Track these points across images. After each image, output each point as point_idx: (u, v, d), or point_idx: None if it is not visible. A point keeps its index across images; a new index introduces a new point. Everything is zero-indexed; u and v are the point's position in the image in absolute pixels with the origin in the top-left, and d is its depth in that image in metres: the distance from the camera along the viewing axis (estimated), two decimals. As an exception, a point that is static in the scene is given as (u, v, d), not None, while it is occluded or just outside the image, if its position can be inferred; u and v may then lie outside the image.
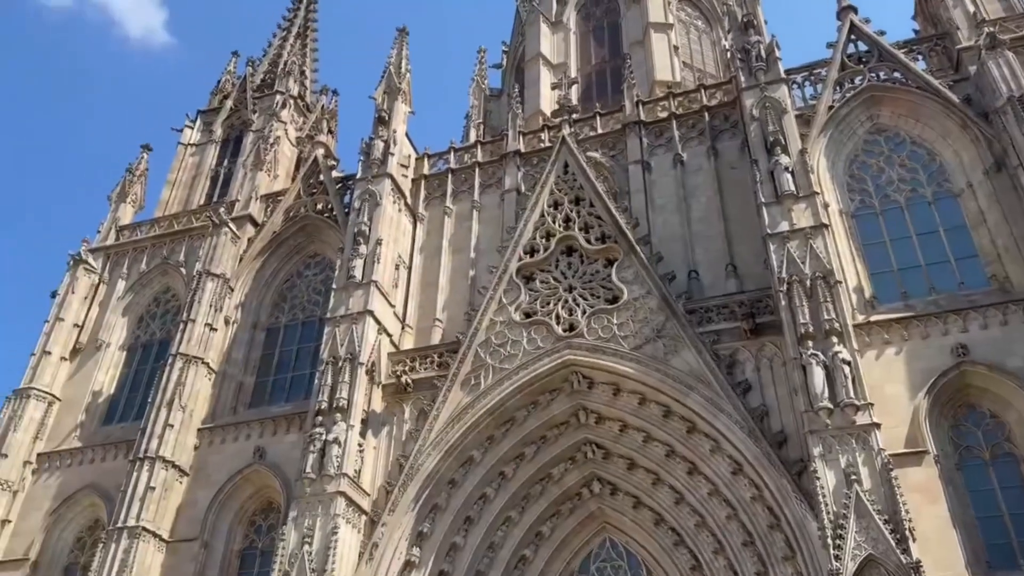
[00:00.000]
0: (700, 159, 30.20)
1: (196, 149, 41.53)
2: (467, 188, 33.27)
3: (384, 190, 31.22)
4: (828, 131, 27.90)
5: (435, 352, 28.41)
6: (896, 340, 23.28)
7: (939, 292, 24.25)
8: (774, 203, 25.00)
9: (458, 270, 31.07)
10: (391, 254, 30.44)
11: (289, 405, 30.09)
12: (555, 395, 26.29)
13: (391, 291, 29.73)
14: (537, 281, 28.22)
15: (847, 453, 20.12)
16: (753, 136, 27.07)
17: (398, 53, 35.70)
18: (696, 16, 43.16)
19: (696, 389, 23.87)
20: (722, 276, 26.95)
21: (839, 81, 28.86)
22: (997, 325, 22.55)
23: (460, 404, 26.21)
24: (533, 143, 33.38)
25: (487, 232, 31.57)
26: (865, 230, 26.32)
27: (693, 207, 29.07)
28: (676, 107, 31.88)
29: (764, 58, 28.63)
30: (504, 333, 27.14)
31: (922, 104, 27.48)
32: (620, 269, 27.11)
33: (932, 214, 26.09)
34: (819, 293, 22.68)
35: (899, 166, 27.30)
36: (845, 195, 27.08)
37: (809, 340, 21.95)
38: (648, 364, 24.88)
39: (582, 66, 40.61)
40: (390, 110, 33.72)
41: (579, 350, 25.99)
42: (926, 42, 30.20)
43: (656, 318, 25.54)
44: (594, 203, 28.89)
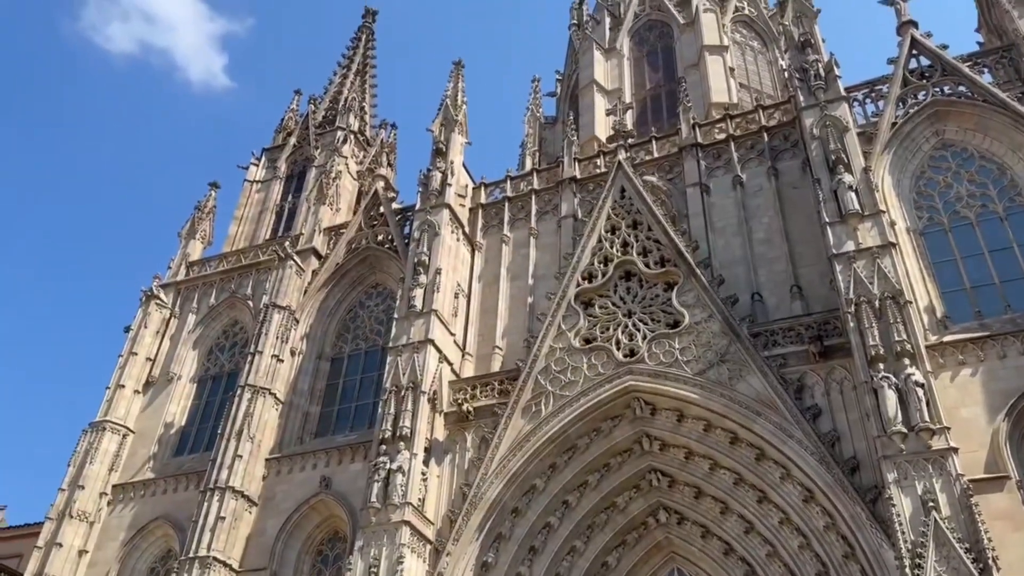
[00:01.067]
0: (760, 180, 29.85)
1: (261, 185, 42.86)
2: (524, 216, 33.51)
3: (442, 220, 31.66)
4: (892, 148, 27.32)
5: (495, 379, 28.48)
6: (971, 361, 22.49)
7: (1015, 310, 23.41)
8: (839, 222, 24.51)
9: (516, 297, 31.22)
10: (450, 283, 30.76)
11: (354, 434, 30.51)
12: (617, 422, 26.05)
13: (451, 319, 30.00)
14: (596, 307, 28.13)
15: (923, 479, 19.41)
16: (815, 155, 26.66)
17: (454, 86, 36.34)
18: (751, 37, 42.85)
19: (764, 415, 23.38)
20: (787, 298, 26.47)
21: (901, 97, 28.28)
22: (1080, 342, 21.63)
23: (521, 432, 26.17)
24: (589, 169, 33.49)
25: (544, 259, 31.68)
26: (935, 248, 25.59)
27: (754, 228, 28.70)
28: (734, 128, 31.65)
29: (823, 76, 28.24)
30: (564, 359, 27.08)
31: (989, 118, 26.73)
32: (680, 293, 26.85)
33: (1004, 229, 25.24)
34: (889, 314, 22.08)
35: (968, 181, 26.54)
36: (912, 212, 26.41)
37: (880, 363, 21.35)
38: (712, 389, 24.49)
39: (636, 91, 40.65)
40: (447, 141, 34.30)
41: (640, 376, 25.75)
42: (991, 54, 29.40)
43: (719, 342, 25.16)
44: (652, 227, 28.76)
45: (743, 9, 43.62)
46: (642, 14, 43.72)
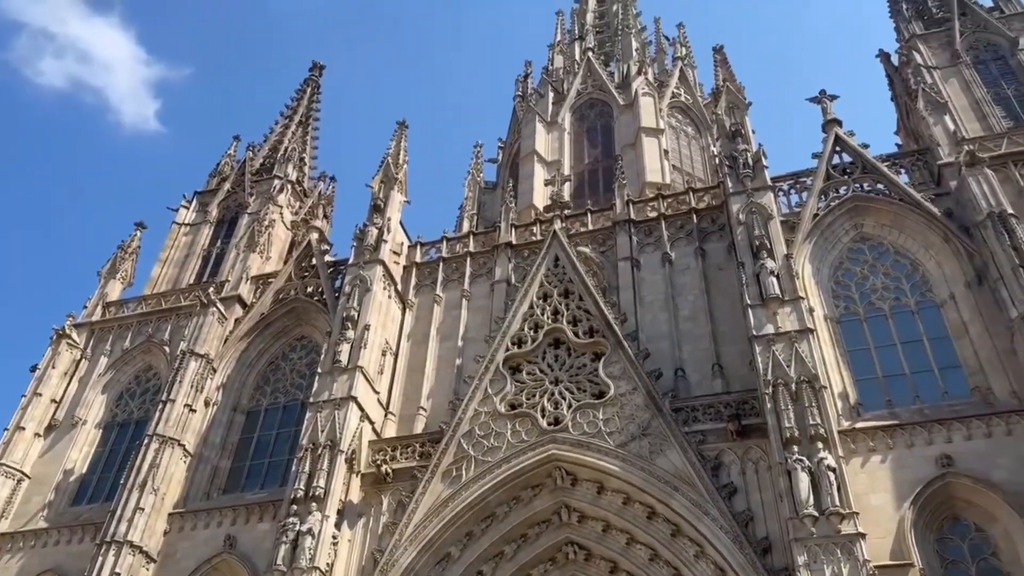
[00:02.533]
0: (688, 259, 30.71)
1: (190, 229, 41.92)
2: (457, 277, 33.61)
3: (375, 276, 31.48)
4: (813, 238, 28.52)
5: (417, 441, 28.00)
6: (881, 448, 23.17)
7: (923, 401, 24.32)
8: (760, 306, 25.29)
9: (445, 358, 31.03)
10: (378, 340, 30.41)
11: (264, 492, 29.40)
12: (538, 491, 25.82)
13: (376, 377, 29.54)
14: (524, 372, 28.15)
15: (832, 564, 19.68)
16: (740, 239, 27.62)
17: (397, 144, 36.68)
18: (686, 123, 44.74)
19: (681, 491, 23.51)
20: (708, 375, 26.99)
21: (824, 190, 29.69)
22: (981, 436, 22.52)
23: (440, 497, 25.66)
24: (525, 236, 33.96)
25: (475, 321, 31.70)
26: (850, 336, 26.55)
27: (681, 306, 29.37)
28: (665, 208, 32.66)
29: (751, 165, 29.54)
30: (488, 424, 26.86)
31: (905, 216, 28.22)
32: (607, 364, 27.10)
33: (916, 323, 26.42)
34: (804, 397, 22.68)
35: (883, 274, 27.80)
36: (830, 301, 27.44)
37: (794, 445, 21.82)
38: (633, 463, 24.58)
39: (575, 164, 41.71)
40: (386, 198, 34.40)
41: (564, 445, 25.69)
42: (908, 156, 31.24)
43: (642, 415, 25.39)
44: (583, 297, 29.17)
45: (680, 96, 45.63)
46: (584, 92, 45.26)
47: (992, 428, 22.62)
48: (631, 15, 52.59)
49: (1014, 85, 33.03)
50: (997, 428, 22.57)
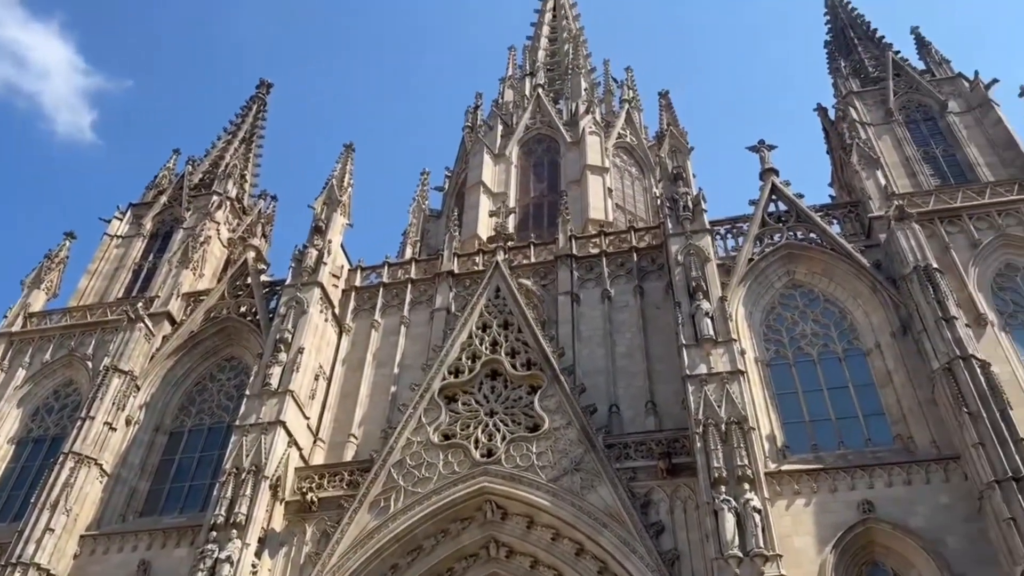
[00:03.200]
0: (627, 296, 31.08)
1: (122, 241, 40.70)
2: (397, 303, 33.33)
3: (312, 298, 30.98)
4: (747, 282, 29.18)
5: (346, 470, 27.39)
6: (806, 492, 23.57)
7: (847, 447, 24.87)
8: (694, 346, 25.68)
9: (379, 385, 30.60)
10: (312, 364, 29.83)
11: (183, 516, 28.33)
12: (467, 524, 25.48)
13: (307, 402, 28.91)
14: (459, 403, 27.92)
15: (755, 605, 19.84)
16: (677, 280, 28.10)
17: (342, 167, 36.45)
18: (631, 163, 45.59)
19: (610, 527, 23.48)
20: (642, 413, 27.17)
21: (759, 236, 30.49)
22: (901, 484, 23.09)
23: (366, 528, 25.10)
24: (467, 265, 33.94)
25: (413, 349, 31.41)
26: (779, 379, 27.10)
27: (618, 342, 29.62)
28: (607, 245, 33.07)
29: (691, 208, 30.21)
30: (420, 454, 26.50)
31: (835, 265, 29.11)
32: (543, 397, 27.08)
33: (842, 370, 27.12)
34: (733, 438, 23.00)
35: (812, 321, 28.54)
36: (761, 344, 28.02)
37: (722, 485, 22.04)
38: (564, 498, 24.49)
39: (520, 197, 42.02)
40: (328, 220, 34.03)
41: (496, 477, 25.46)
42: (841, 208, 32.34)
43: (575, 450, 25.37)
44: (522, 329, 29.19)
45: (625, 137, 46.55)
46: (533, 127, 45.82)
47: (912, 476, 23.22)
48: (582, 55, 53.66)
49: (942, 145, 34.65)
50: (916, 476, 23.18)
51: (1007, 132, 33.71)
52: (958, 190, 31.09)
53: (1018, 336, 26.34)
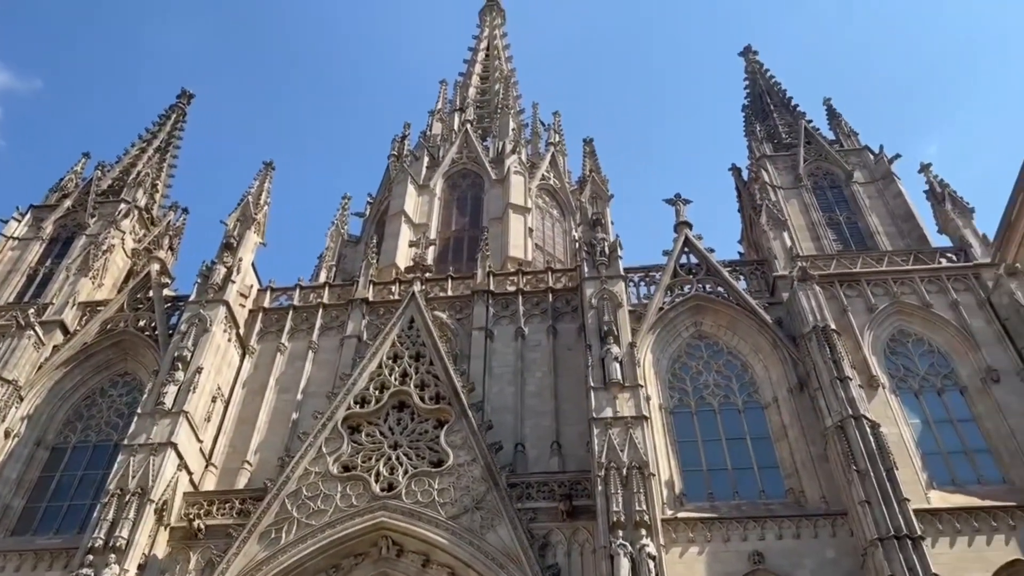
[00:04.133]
0: (540, 336, 31.28)
1: (19, 243, 38.52)
2: (306, 328, 32.62)
3: (217, 317, 30.02)
4: (657, 330, 29.82)
5: (237, 497, 26.34)
6: (700, 540, 23.91)
7: (742, 497, 25.45)
8: (602, 389, 25.98)
9: (281, 411, 29.72)
10: (210, 384, 28.79)
11: (59, 538, 26.63)
12: (360, 560, 24.75)
13: (202, 424, 27.81)
14: (363, 434, 27.33)
15: (642, 653, 19.91)
16: (590, 323, 28.48)
17: (260, 184, 35.73)
18: (552, 205, 46.31)
19: (507, 569, 23.19)
20: (547, 452, 27.18)
21: (670, 286, 31.31)
22: (791, 537, 23.68)
23: (254, 559, 24.09)
24: (383, 294, 33.58)
25: (320, 375, 30.70)
26: (681, 427, 27.64)
27: (528, 381, 29.69)
28: (524, 284, 33.32)
29: (607, 254, 30.83)
30: (317, 485, 25.73)
31: (740, 319, 30.07)
32: (450, 432, 26.78)
33: (741, 421, 27.86)
34: (634, 483, 23.21)
35: (716, 372, 29.30)
36: (666, 391, 28.56)
37: (620, 529, 22.16)
38: (463, 536, 24.12)
39: (442, 230, 41.99)
40: (240, 237, 33.18)
41: (395, 513, 24.90)
42: (748, 265, 33.56)
43: (478, 488, 25.12)
44: (434, 362, 28.91)
45: (549, 179, 47.33)
46: (459, 162, 46.06)
47: (801, 529, 23.86)
48: (512, 96, 54.46)
49: (846, 213, 36.44)
50: (805, 530, 23.83)
51: (906, 204, 35.74)
52: (858, 256, 32.68)
53: (906, 400, 27.62)
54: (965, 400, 27.36)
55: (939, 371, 28.34)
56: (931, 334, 29.31)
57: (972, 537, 23.13)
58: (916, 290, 30.40)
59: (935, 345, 29.07)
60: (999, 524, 23.27)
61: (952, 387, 27.83)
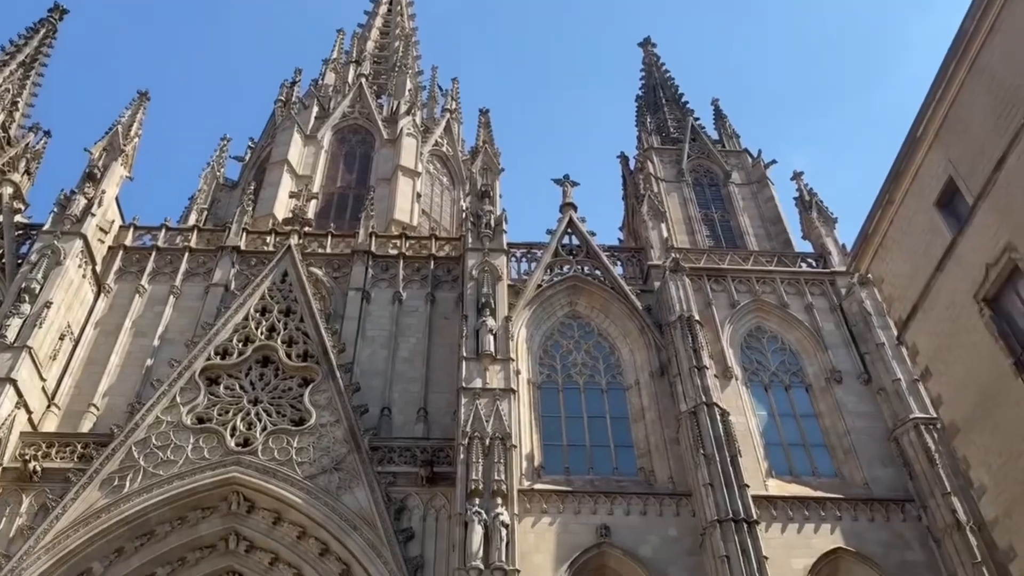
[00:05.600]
0: (418, 302, 31.12)
1: None
2: (170, 271, 31.11)
3: (72, 250, 28.16)
4: (533, 306, 30.28)
5: (80, 441, 25.03)
6: (552, 511, 24.61)
7: (596, 473, 26.33)
8: (474, 360, 26.20)
9: (135, 356, 28.30)
10: (59, 321, 27.05)
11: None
12: (208, 514, 24.10)
13: (47, 362, 26.11)
14: (222, 386, 26.46)
15: (487, 618, 20.38)
16: (468, 293, 28.59)
17: (132, 115, 33.63)
18: (443, 172, 45.92)
19: (360, 530, 23.16)
20: (413, 419, 27.19)
21: (551, 265, 31.82)
22: (637, 513, 24.75)
23: (93, 506, 23.02)
24: (256, 243, 32.43)
25: (180, 322, 29.41)
26: (547, 403, 28.25)
27: (402, 346, 29.52)
28: (407, 248, 32.99)
29: (492, 227, 30.97)
30: (169, 435, 24.78)
31: (613, 303, 30.94)
32: (315, 392, 26.33)
33: (603, 401, 28.75)
34: (495, 453, 23.63)
35: (585, 352, 30.07)
36: (536, 367, 29.09)
37: (477, 497, 22.52)
38: (318, 497, 23.87)
39: (326, 184, 40.81)
40: (105, 168, 31.17)
41: (248, 469, 24.35)
42: (626, 252, 34.56)
43: (338, 449, 24.87)
44: (304, 319, 28.27)
45: (442, 146, 46.86)
46: (350, 115, 44.76)
47: (648, 507, 24.94)
48: (411, 56, 53.46)
49: (721, 211, 38.03)
50: (652, 508, 24.93)
51: (776, 209, 37.67)
52: (727, 253, 34.22)
53: (756, 392, 29.26)
54: (809, 397, 29.28)
55: (789, 368, 30.19)
56: (785, 333, 31.14)
57: (802, 524, 24.88)
58: (776, 290, 32.13)
59: (788, 343, 30.91)
60: (827, 514, 25.13)
61: (799, 384, 29.71)
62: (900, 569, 23.83)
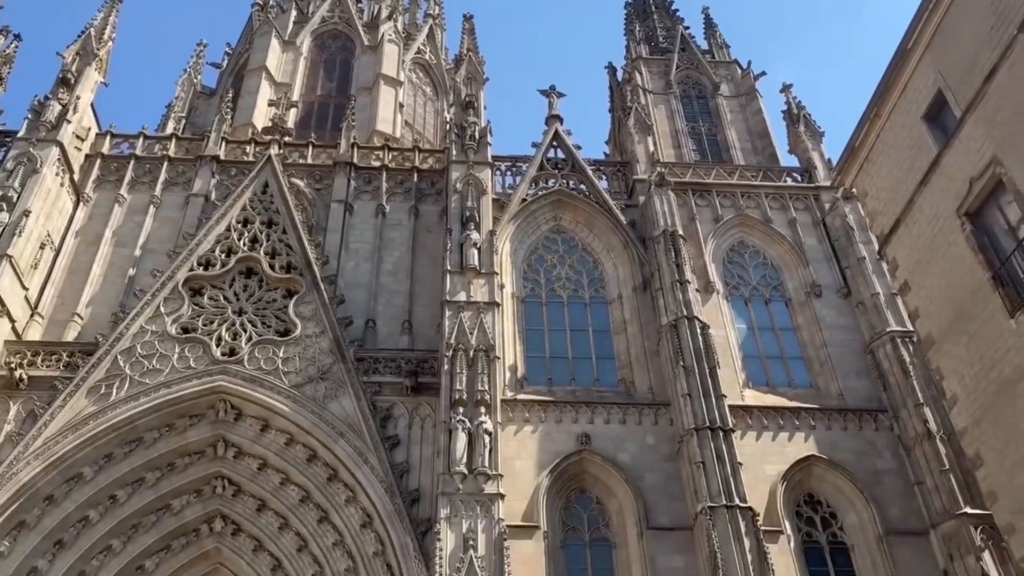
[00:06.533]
0: (402, 215, 30.93)
1: None
2: (149, 180, 30.68)
3: (48, 157, 27.67)
4: (518, 220, 30.19)
5: (65, 350, 25.20)
6: (535, 420, 25.23)
7: (578, 384, 26.88)
8: (458, 273, 26.31)
9: (116, 265, 28.19)
10: (39, 230, 26.84)
11: None
12: (196, 421, 24.57)
13: (28, 271, 26.03)
14: (206, 297, 26.53)
15: (470, 519, 21.15)
16: (453, 207, 28.43)
17: (105, 17, 32.50)
18: (426, 82, 44.86)
19: (346, 437, 23.70)
20: (397, 331, 27.46)
21: (536, 179, 31.57)
22: (617, 422, 25.43)
23: (81, 413, 23.36)
24: (236, 153, 31.91)
25: (161, 232, 29.19)
26: (530, 316, 28.52)
27: (385, 259, 29.51)
28: (390, 160, 32.56)
29: (476, 139, 30.52)
30: (153, 344, 24.95)
31: (597, 217, 30.88)
32: (299, 303, 26.45)
33: (586, 315, 29.07)
34: (479, 364, 24.03)
35: (569, 266, 30.18)
36: (520, 281, 29.23)
37: (461, 407, 23.01)
38: (305, 404, 24.31)
39: (306, 93, 39.89)
40: (79, 73, 30.31)
41: (235, 378, 24.69)
42: (612, 166, 34.28)
43: (324, 359, 25.17)
44: (287, 230, 28.14)
45: (425, 54, 45.60)
46: (329, 20, 43.40)
47: (627, 416, 25.60)
48: (394, -43, 51.30)
49: (708, 124, 37.58)
50: (631, 417, 25.59)
51: (763, 123, 37.25)
52: (712, 168, 34.00)
53: (737, 306, 29.62)
54: (789, 311, 29.71)
55: (770, 282, 30.50)
56: (767, 248, 31.33)
57: (776, 433, 25.65)
58: (760, 205, 32.13)
59: (769, 258, 31.15)
60: (801, 423, 25.89)
61: (779, 298, 30.10)
62: (870, 476, 24.75)
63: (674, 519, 23.26)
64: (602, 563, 23.52)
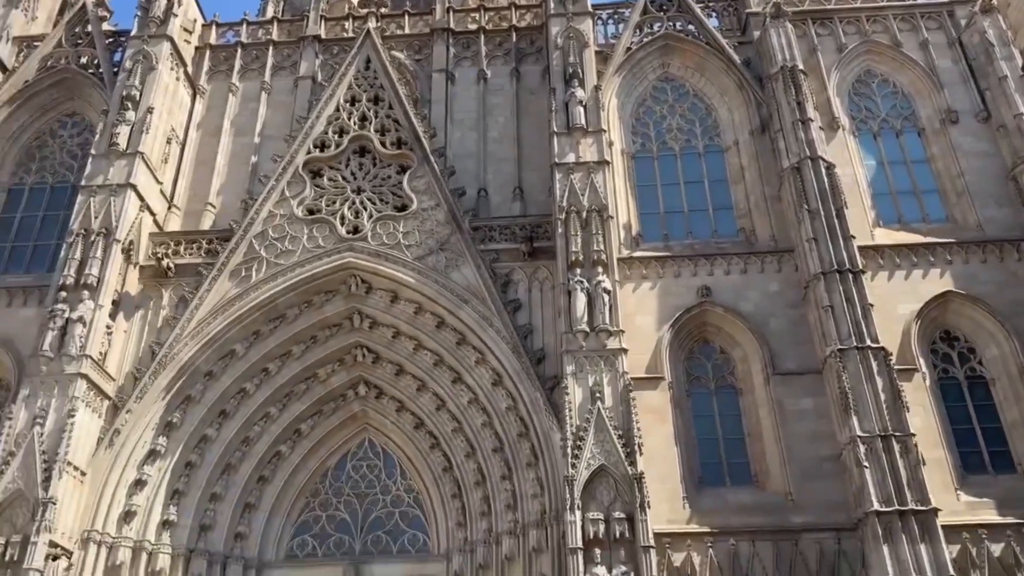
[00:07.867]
0: (503, 79, 30.34)
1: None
2: (258, 67, 31.19)
3: (162, 53, 28.48)
4: (623, 72, 29.03)
5: (204, 238, 26.79)
6: (652, 276, 25.19)
7: (695, 237, 26.43)
8: (565, 134, 25.83)
9: (238, 154, 29.28)
10: (163, 126, 28.06)
11: (29, 276, 27.18)
12: (331, 296, 25.91)
13: (159, 166, 27.49)
14: (325, 178, 27.31)
15: (595, 373, 21.78)
16: (555, 65, 27.58)
17: (199, -95, 32.07)
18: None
19: (470, 303, 24.51)
20: (509, 198, 27.57)
21: (639, 24, 29.95)
22: (738, 272, 25.02)
23: (227, 295, 25.09)
24: (335, 31, 31.85)
25: (275, 118, 29.91)
26: (641, 172, 27.91)
27: (491, 126, 29.29)
28: (486, 21, 31.68)
29: (577, -12, 28.95)
30: (283, 227, 26.15)
31: (708, 60, 29.25)
32: (412, 178, 26.86)
33: (700, 165, 28.13)
34: (593, 225, 23.97)
35: (680, 116, 29.04)
36: (629, 136, 28.43)
37: (577, 268, 23.23)
38: (428, 275, 25.15)
39: (389, -40, 38.76)
40: (181, -34, 30.40)
41: (361, 254, 25.67)
42: (721, 1, 31.94)
43: (442, 231, 25.74)
44: (393, 106, 28.25)
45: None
46: None
47: (748, 266, 25.14)
48: None
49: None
50: (752, 266, 25.12)
51: (891, -66, 33.47)
52: (834, -8, 31.15)
53: (864, 141, 27.90)
54: (921, 141, 27.75)
55: (900, 113, 28.40)
56: (897, 75, 28.97)
57: (909, 271, 24.64)
58: (889, 28, 29.49)
59: (899, 86, 28.86)
60: (936, 259, 24.71)
61: (911, 129, 28.09)
62: (1012, 307, 23.66)
63: (802, 363, 23.16)
64: (728, 409, 23.90)
